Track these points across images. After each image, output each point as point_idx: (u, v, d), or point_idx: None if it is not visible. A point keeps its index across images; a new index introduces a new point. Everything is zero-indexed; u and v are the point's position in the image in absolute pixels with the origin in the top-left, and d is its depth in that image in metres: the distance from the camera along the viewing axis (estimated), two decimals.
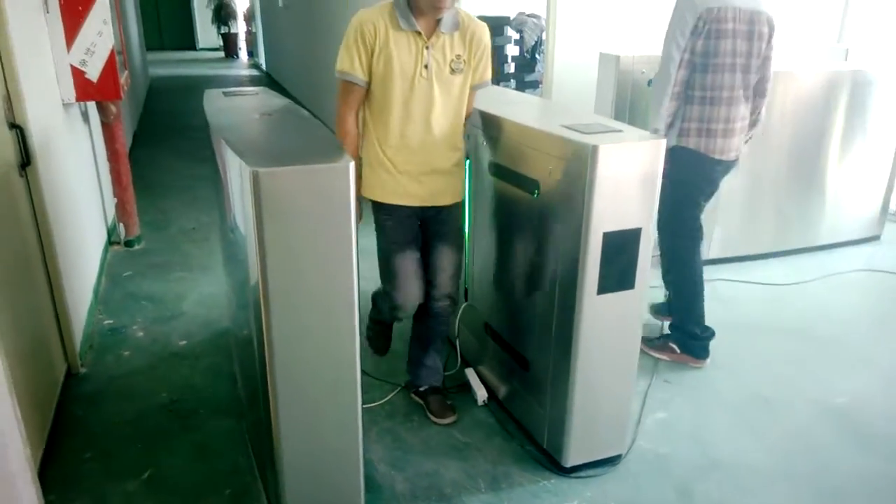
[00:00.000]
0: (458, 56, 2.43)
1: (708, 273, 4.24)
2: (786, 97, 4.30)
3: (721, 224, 4.39)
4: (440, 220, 2.62)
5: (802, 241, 4.72)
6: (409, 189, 2.52)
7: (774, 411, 2.94)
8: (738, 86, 3.00)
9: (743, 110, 3.08)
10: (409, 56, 2.37)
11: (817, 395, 3.05)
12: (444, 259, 2.66)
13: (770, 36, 3.04)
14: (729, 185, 4.28)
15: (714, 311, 3.79)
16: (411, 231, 2.60)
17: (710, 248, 4.42)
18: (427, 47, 2.37)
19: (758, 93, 3.14)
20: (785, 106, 4.32)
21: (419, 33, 2.36)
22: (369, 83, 2.42)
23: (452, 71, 2.43)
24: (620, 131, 2.28)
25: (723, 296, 4.02)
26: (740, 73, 2.99)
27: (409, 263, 2.59)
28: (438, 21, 2.37)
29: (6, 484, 1.96)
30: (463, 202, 2.73)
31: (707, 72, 2.96)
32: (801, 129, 4.42)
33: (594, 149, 2.08)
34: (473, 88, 2.55)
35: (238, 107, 2.72)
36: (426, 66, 2.38)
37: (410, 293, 2.63)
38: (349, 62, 2.37)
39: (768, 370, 3.24)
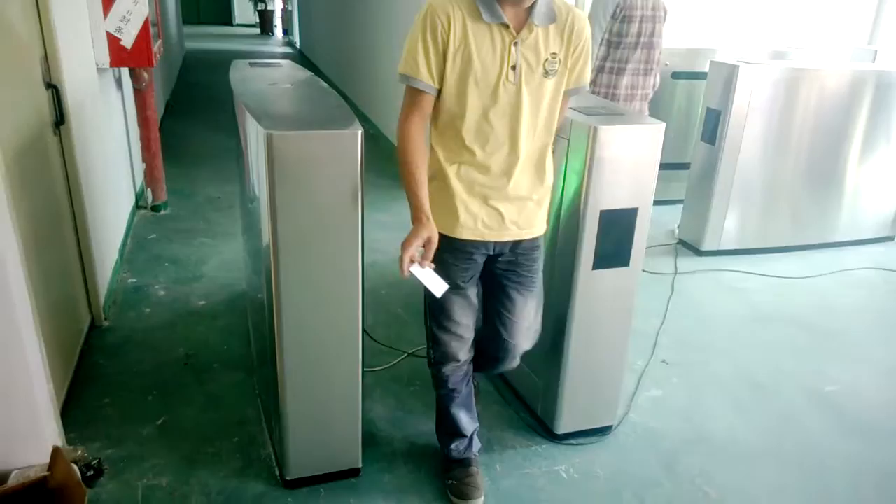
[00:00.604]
0: (554, 55, 1.94)
1: (720, 264, 4.33)
2: (809, 95, 4.32)
3: (737, 216, 4.45)
4: (518, 259, 2.16)
5: (818, 238, 4.75)
6: (481, 220, 2.06)
7: (766, 395, 3.02)
8: (641, 60, 3.78)
9: (643, 81, 3.86)
10: (492, 55, 1.89)
11: (810, 382, 3.12)
12: (520, 308, 2.21)
13: (665, 18, 3.82)
14: (746, 178, 4.34)
15: (722, 301, 3.88)
16: (475, 271, 2.17)
17: (723, 239, 4.48)
18: (515, 43, 1.89)
19: (657, 65, 3.90)
20: (808, 103, 4.35)
21: (506, 26, 1.88)
22: (440, 90, 1.95)
23: (546, 73, 1.95)
24: (622, 115, 2.36)
25: (735, 286, 4.08)
26: (645, 50, 3.76)
27: (464, 312, 2.18)
28: (530, 10, 1.89)
29: (32, 413, 2.11)
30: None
31: (618, 48, 3.73)
32: (823, 127, 4.44)
33: (594, 129, 2.17)
34: (567, 94, 2.06)
35: (262, 76, 2.84)
36: (513, 68, 1.91)
37: (456, 349, 2.23)
38: (415, 64, 1.90)
39: (766, 358, 3.31)
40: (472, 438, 2.39)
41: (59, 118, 2.91)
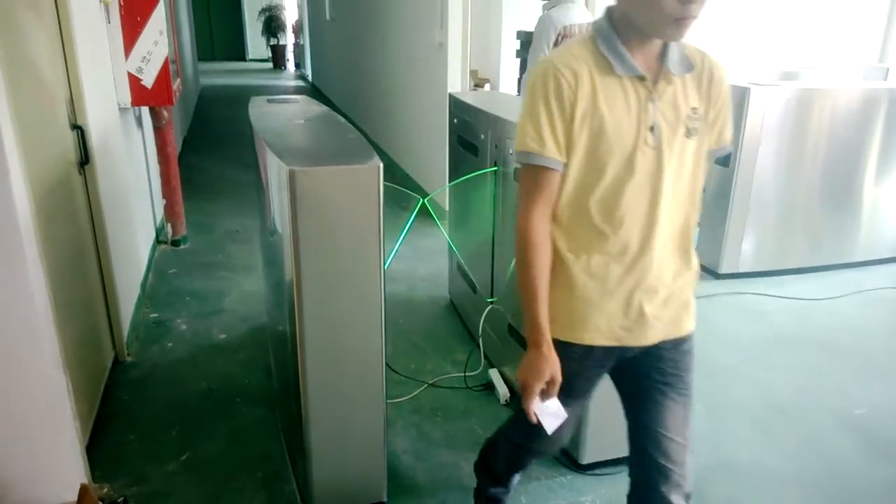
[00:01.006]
0: (695, 110, 1.59)
1: (739, 286, 4.31)
2: (822, 114, 4.33)
3: (754, 238, 4.44)
4: (665, 359, 1.72)
5: (836, 258, 4.72)
6: (618, 320, 1.66)
7: (791, 419, 2.99)
8: None
9: None
10: (627, 116, 1.54)
11: (836, 405, 3.09)
12: (674, 419, 1.70)
13: None
14: (762, 199, 4.34)
15: (743, 324, 3.86)
16: (597, 379, 1.84)
17: (741, 261, 4.47)
18: (652, 99, 1.55)
19: None
20: (821, 123, 4.35)
21: (642, 79, 1.54)
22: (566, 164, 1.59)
23: (688, 133, 1.59)
24: None
25: (754, 309, 4.06)
26: None
27: (564, 428, 1.79)
28: (661, 57, 1.57)
29: (59, 451, 2.13)
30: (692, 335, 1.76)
31: None
32: (837, 146, 4.44)
33: None
34: (710, 155, 1.69)
35: (280, 112, 2.89)
36: (652, 129, 1.55)
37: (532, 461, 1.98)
38: (538, 137, 1.55)
39: (789, 380, 3.28)
40: (511, 485, 2.27)
41: (84, 158, 2.97)
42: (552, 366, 1.62)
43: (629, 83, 1.54)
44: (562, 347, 1.65)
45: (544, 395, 1.64)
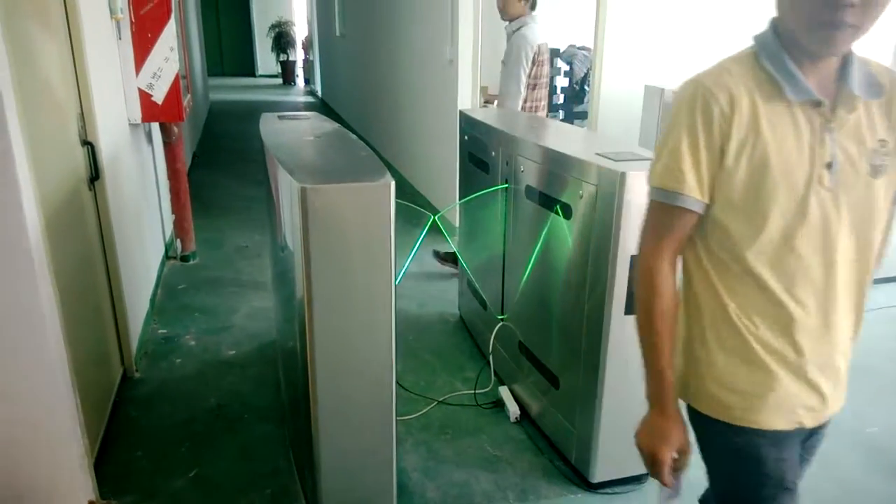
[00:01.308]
0: (883, 142, 1.29)
1: None
2: None
3: None
4: (814, 441, 1.64)
5: None
6: (797, 397, 1.40)
7: None
8: (544, 97, 4.25)
9: (544, 115, 4.27)
10: (797, 150, 1.26)
11: (849, 424, 3.05)
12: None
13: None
14: None
15: None
16: (797, 466, 1.56)
17: None
18: (829, 130, 1.27)
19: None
20: None
21: (818, 104, 1.26)
22: (709, 205, 1.33)
23: (874, 171, 1.29)
24: (650, 159, 2.36)
25: None
26: (545, 89, 4.25)
27: None
28: (840, 76, 1.28)
29: (68, 468, 2.12)
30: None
31: (534, 89, 4.12)
32: None
33: (622, 175, 2.18)
34: None
35: (291, 129, 2.89)
36: (829, 166, 1.26)
37: None
38: (679, 171, 1.30)
39: None
40: None
41: (94, 174, 2.98)
42: (681, 433, 1.42)
43: (800, 110, 1.26)
44: (747, 432, 1.41)
45: (678, 470, 1.44)
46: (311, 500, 2.37)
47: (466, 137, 3.56)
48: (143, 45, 3.84)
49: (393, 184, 1.97)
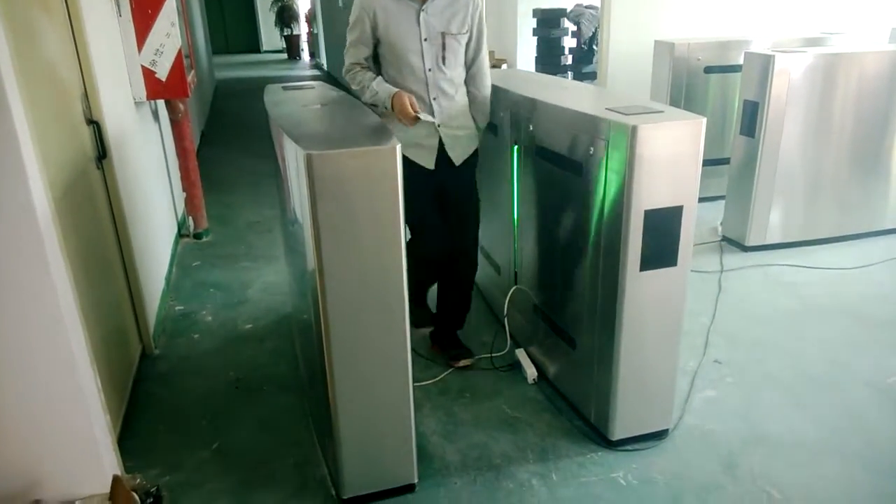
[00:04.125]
0: None
1: (767, 258, 4.25)
2: (848, 79, 4.22)
3: (781, 208, 4.35)
4: None
5: (866, 226, 4.62)
6: None
7: (825, 390, 2.93)
8: None
9: None
10: None
11: (870, 375, 3.02)
12: None
13: None
14: (789, 169, 4.25)
15: (772, 296, 3.80)
16: None
17: (769, 233, 4.39)
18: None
19: None
20: (848, 88, 4.24)
21: None
22: None
23: None
24: (661, 112, 2.32)
25: (783, 280, 3.99)
26: None
27: None
28: None
29: (91, 444, 2.14)
30: None
31: None
32: (865, 112, 4.33)
33: (634, 129, 2.14)
34: None
35: (296, 98, 2.87)
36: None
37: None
38: None
39: (822, 352, 3.22)
40: None
41: (102, 153, 2.97)
42: None
43: None
44: None
45: None
46: (332, 467, 2.39)
47: None
48: (143, 22, 3.81)
49: (399, 147, 1.94)
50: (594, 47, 7.72)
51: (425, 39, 2.70)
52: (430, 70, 2.74)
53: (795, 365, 3.11)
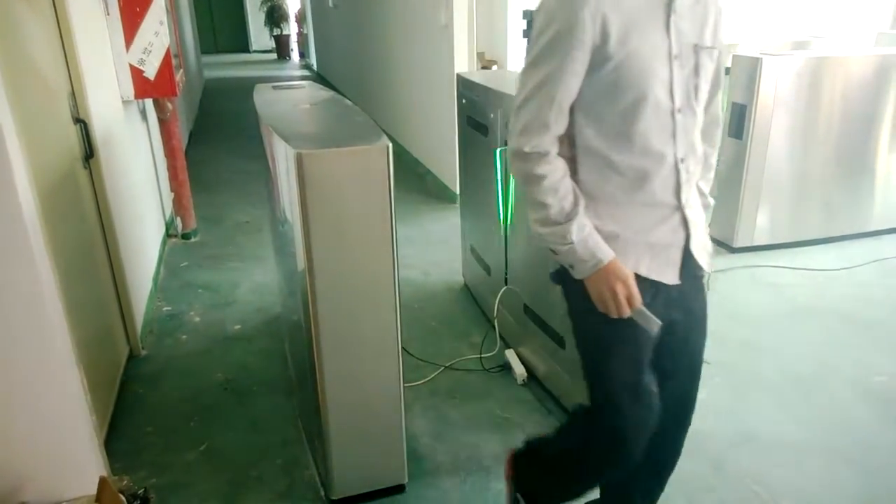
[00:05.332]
0: None
1: (755, 260, 4.27)
2: (835, 82, 4.25)
3: (769, 210, 4.38)
4: None
5: (851, 228, 4.65)
6: None
7: (812, 390, 2.95)
8: None
9: None
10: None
11: (857, 374, 3.05)
12: None
13: None
14: (776, 171, 4.28)
15: (760, 297, 3.82)
16: None
17: (756, 234, 4.41)
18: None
19: None
20: (835, 91, 4.27)
21: None
22: None
23: None
24: None
25: (769, 282, 4.01)
26: None
27: None
28: None
29: (77, 445, 2.13)
30: None
31: None
32: (852, 114, 4.36)
33: None
34: None
35: (286, 98, 2.86)
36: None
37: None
38: None
39: (809, 352, 3.24)
40: None
41: (89, 152, 2.95)
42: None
43: None
44: None
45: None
46: (322, 468, 2.38)
47: (464, 101, 3.51)
48: (131, 21, 3.78)
49: (390, 146, 1.94)
50: None
51: (675, 57, 1.54)
52: (679, 111, 1.57)
53: (782, 365, 3.13)
